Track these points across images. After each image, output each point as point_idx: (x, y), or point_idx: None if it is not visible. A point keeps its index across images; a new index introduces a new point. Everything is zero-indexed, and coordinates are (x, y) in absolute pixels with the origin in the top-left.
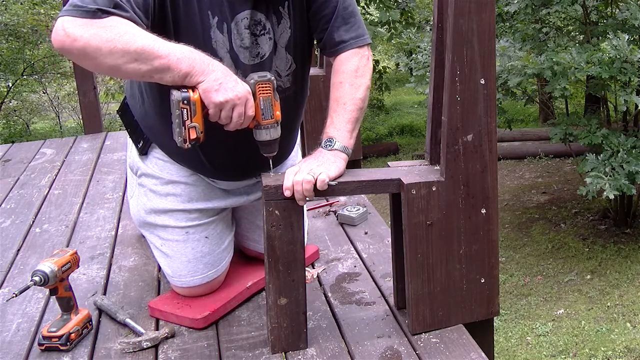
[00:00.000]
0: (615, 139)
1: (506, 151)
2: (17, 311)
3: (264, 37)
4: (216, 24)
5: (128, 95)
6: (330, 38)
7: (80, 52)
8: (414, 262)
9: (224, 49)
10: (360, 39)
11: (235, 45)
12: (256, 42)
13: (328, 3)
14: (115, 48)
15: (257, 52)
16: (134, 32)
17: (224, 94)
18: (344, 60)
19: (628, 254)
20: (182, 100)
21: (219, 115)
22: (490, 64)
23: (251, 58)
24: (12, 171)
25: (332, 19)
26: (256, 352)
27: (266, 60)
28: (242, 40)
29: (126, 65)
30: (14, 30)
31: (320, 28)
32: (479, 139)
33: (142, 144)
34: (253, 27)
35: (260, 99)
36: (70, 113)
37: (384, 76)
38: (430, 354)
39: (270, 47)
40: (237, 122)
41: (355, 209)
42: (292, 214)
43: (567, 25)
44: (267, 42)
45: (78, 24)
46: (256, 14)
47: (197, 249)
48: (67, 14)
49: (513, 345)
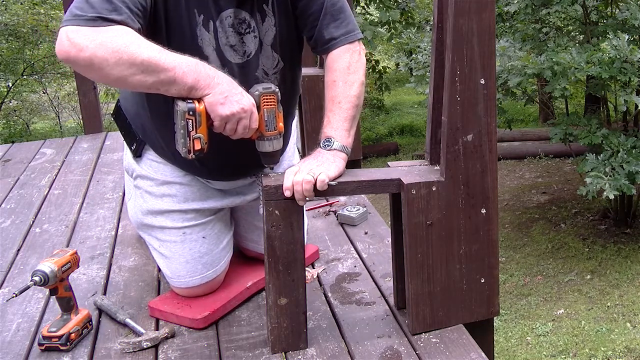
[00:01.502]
0: (615, 139)
1: (506, 151)
2: (17, 311)
3: (249, 36)
4: (202, 21)
5: (121, 97)
6: (320, 36)
7: (86, 62)
8: (414, 262)
9: (211, 47)
10: (351, 35)
11: (222, 43)
12: (242, 40)
13: (315, 0)
14: (121, 59)
15: (244, 50)
16: (140, 42)
17: (230, 107)
18: (336, 58)
19: (628, 254)
20: (188, 111)
21: (224, 127)
22: (490, 64)
23: (238, 56)
24: (12, 171)
25: (321, 17)
26: (256, 352)
27: (252, 59)
28: (228, 39)
29: (133, 77)
30: (14, 30)
31: (309, 26)
32: (479, 139)
33: (136, 146)
34: (238, 26)
35: (265, 110)
36: (70, 113)
37: (384, 76)
38: (430, 354)
39: (256, 45)
40: (241, 134)
41: (355, 209)
42: (292, 214)
43: (567, 25)
44: (253, 41)
45: (83, 34)
46: (240, 12)
47: (195, 249)
48: (69, 24)
49: (513, 345)
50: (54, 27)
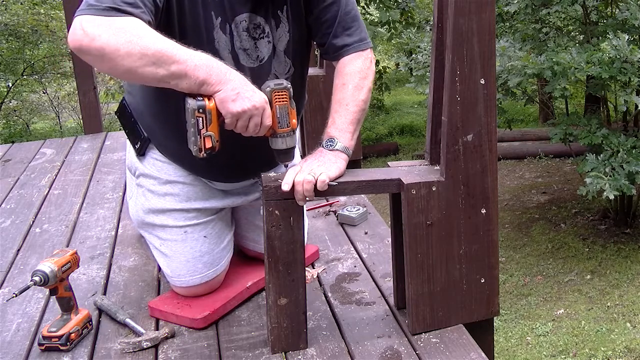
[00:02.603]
0: (615, 139)
1: (506, 151)
2: (17, 311)
3: (263, 41)
4: (219, 24)
5: (127, 94)
6: (333, 43)
7: (98, 52)
8: (414, 262)
9: (227, 50)
10: (364, 43)
11: (236, 46)
12: (255, 45)
13: (330, 8)
14: (133, 50)
15: (257, 55)
16: (153, 35)
17: (242, 103)
18: (348, 62)
19: (628, 254)
20: (198, 108)
21: (235, 124)
22: (490, 64)
23: (251, 61)
24: (12, 171)
25: (335, 24)
26: (256, 352)
27: (265, 64)
28: (242, 42)
29: (143, 68)
30: (14, 30)
31: (322, 33)
32: (479, 139)
33: (140, 145)
34: (252, 31)
35: (277, 107)
36: (70, 113)
37: (384, 76)
38: (430, 354)
39: (270, 50)
40: (253, 132)
41: (355, 209)
42: (292, 214)
43: (567, 25)
44: (266, 46)
45: (97, 23)
46: (255, 17)
47: (196, 249)
48: (83, 13)
49: (513, 345)
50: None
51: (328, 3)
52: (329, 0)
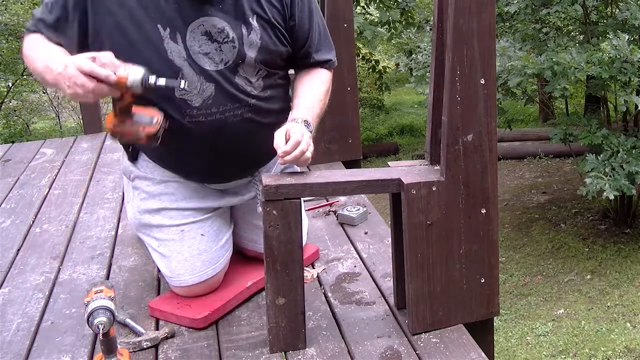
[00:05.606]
0: (615, 139)
1: (506, 151)
2: (17, 311)
3: (227, 45)
4: (168, 35)
5: None
6: (306, 57)
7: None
8: (414, 262)
9: (181, 58)
10: (332, 62)
11: (193, 52)
12: (220, 49)
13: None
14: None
15: (221, 58)
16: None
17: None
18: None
19: (628, 254)
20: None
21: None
22: (490, 64)
23: (214, 64)
24: (12, 171)
25: (308, 41)
26: (256, 352)
27: (231, 66)
28: (201, 47)
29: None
30: (14, 30)
31: (299, 44)
32: (479, 139)
33: (132, 149)
34: (217, 35)
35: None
36: (70, 113)
37: (384, 76)
38: (430, 354)
39: (234, 54)
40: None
41: (355, 209)
42: (290, 214)
43: (567, 25)
44: (231, 50)
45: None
46: (218, 21)
47: (194, 247)
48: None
49: (513, 345)
50: None
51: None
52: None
